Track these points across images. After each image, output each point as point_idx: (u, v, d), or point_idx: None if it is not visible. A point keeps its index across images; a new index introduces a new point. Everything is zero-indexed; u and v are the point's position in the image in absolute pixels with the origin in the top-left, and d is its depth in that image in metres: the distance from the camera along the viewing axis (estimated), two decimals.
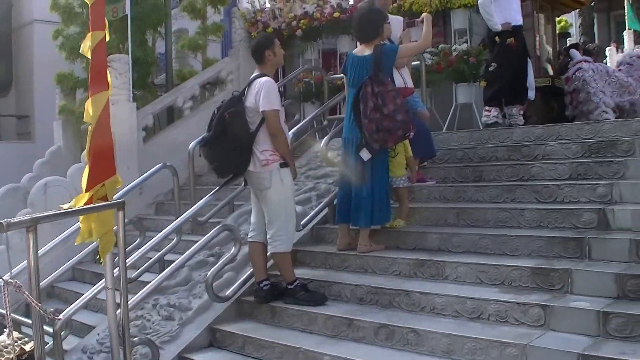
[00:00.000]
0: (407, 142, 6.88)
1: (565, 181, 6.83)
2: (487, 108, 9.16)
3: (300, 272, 6.60)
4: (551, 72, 11.97)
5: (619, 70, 11.30)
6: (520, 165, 7.42)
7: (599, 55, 12.59)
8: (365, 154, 6.44)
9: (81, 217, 4.26)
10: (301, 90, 11.95)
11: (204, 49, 14.63)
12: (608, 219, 5.91)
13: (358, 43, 7.00)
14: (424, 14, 7.23)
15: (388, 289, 5.92)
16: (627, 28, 13.63)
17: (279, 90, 6.73)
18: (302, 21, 12.12)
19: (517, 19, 9.04)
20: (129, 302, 5.01)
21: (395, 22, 7.92)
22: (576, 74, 10.66)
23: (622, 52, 13.59)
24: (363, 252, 6.62)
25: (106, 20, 4.36)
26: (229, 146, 6.09)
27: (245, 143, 6.10)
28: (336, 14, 11.61)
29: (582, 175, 6.85)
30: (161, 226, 8.22)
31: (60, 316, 5.34)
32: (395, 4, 9.57)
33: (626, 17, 14.64)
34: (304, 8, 12.28)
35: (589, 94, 10.39)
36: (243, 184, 6.79)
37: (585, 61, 10.93)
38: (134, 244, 7.73)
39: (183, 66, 15.26)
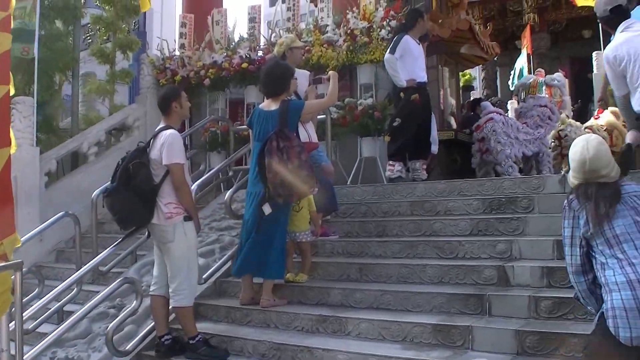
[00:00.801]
0: (311, 196, 6.91)
1: (466, 237, 6.96)
2: (391, 162, 9.26)
3: (203, 326, 6.53)
4: (454, 125, 12.24)
5: (525, 124, 11.59)
6: (422, 220, 7.53)
7: (501, 108, 12.92)
8: (267, 208, 6.45)
9: None
10: (207, 139, 11.92)
11: (112, 94, 14.48)
12: (508, 276, 6.02)
13: (265, 97, 7.04)
14: (330, 72, 7.35)
15: (291, 345, 5.87)
16: (518, 79, 14.06)
17: (184, 140, 6.70)
18: (210, 70, 12.18)
19: (422, 76, 9.24)
20: (25, 356, 4.87)
21: (302, 76, 7.99)
22: (487, 124, 10.88)
23: None
24: (266, 307, 6.59)
25: (11, 75, 4.28)
26: (133, 198, 5.98)
27: (148, 195, 6.02)
28: (244, 65, 11.71)
29: (483, 231, 7.00)
30: (61, 275, 8.06)
31: None
32: (302, 57, 9.66)
33: (513, 73, 15.21)
34: (212, 57, 12.33)
35: (499, 143, 10.62)
36: (146, 235, 6.71)
37: (497, 113, 11.20)
38: (32, 294, 7.54)
39: (90, 110, 15.06)
